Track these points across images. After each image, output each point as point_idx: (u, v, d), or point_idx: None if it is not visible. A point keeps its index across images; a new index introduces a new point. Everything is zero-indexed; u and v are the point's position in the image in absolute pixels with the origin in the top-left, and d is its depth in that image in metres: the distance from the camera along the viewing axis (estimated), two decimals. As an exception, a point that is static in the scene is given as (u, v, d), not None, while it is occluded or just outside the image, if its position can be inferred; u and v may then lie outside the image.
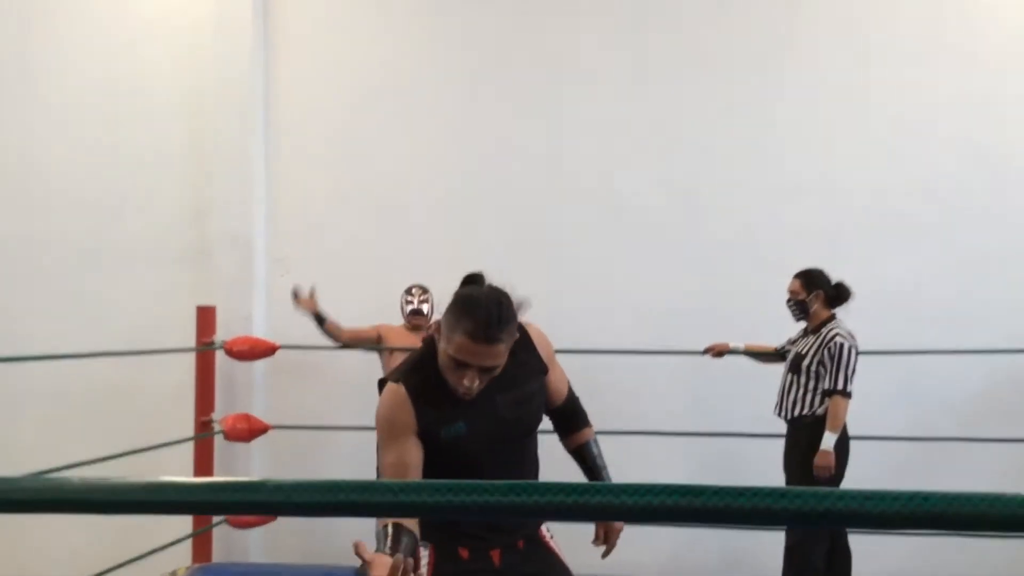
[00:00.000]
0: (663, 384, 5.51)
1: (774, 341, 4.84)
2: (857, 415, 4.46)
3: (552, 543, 2.38)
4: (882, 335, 4.93)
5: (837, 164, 5.51)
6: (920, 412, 5.33)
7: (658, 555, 5.35)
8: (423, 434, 2.12)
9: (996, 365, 5.24)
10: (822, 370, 4.34)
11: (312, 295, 5.23)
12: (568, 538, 2.38)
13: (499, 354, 2.05)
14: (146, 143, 5.94)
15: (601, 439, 2.57)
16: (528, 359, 2.26)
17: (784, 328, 4.76)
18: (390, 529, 1.90)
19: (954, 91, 5.43)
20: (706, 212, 5.58)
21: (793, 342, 4.67)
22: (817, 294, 4.47)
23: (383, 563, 1.73)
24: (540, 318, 2.45)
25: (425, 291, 5.24)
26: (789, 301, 4.53)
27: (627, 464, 5.24)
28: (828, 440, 4.25)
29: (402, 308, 5.25)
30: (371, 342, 5.25)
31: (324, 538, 5.56)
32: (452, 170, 5.81)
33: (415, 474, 2.10)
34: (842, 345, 4.32)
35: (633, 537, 5.24)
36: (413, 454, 2.10)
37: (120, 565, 4.80)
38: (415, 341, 5.21)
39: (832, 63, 5.52)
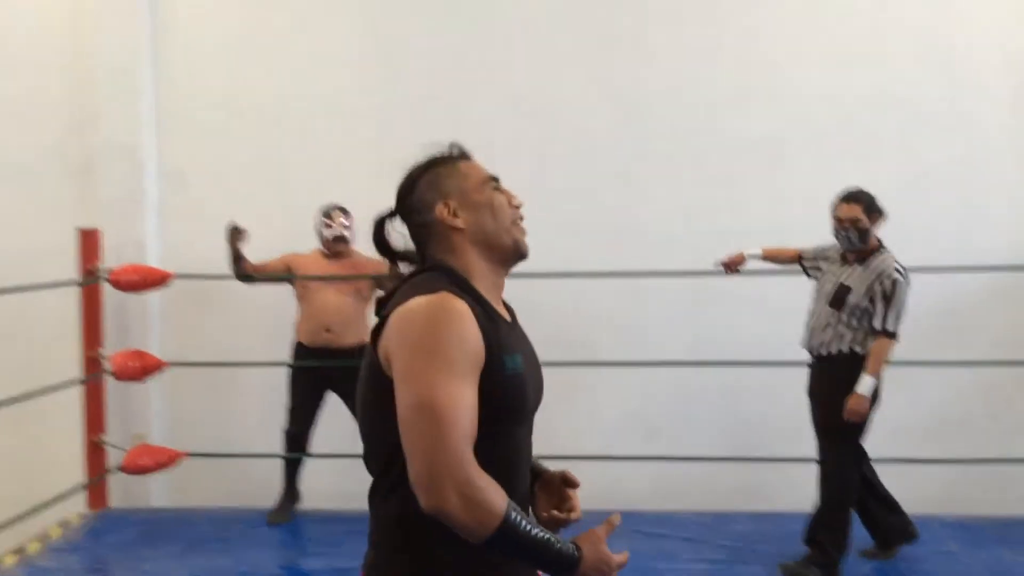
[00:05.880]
0: (597, 309, 5.11)
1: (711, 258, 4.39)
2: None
3: None
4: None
5: (786, 69, 5.07)
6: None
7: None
8: (487, 364, 1.53)
9: (948, 283, 4.94)
10: (871, 307, 3.84)
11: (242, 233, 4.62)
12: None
13: None
14: (22, 43, 5.27)
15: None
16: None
17: (732, 245, 4.36)
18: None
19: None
20: (645, 120, 5.10)
21: (822, 259, 4.11)
22: (873, 219, 3.91)
23: None
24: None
25: (346, 213, 4.71)
26: (846, 230, 3.89)
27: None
28: (867, 384, 3.79)
29: (319, 233, 4.71)
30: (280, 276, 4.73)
31: (231, 481, 5.13)
32: (367, 78, 5.24)
33: (476, 421, 1.51)
34: (896, 282, 3.81)
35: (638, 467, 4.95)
36: (476, 393, 1.52)
37: (11, 521, 4.29)
38: (332, 270, 4.70)
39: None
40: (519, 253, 1.72)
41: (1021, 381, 4.92)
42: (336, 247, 4.69)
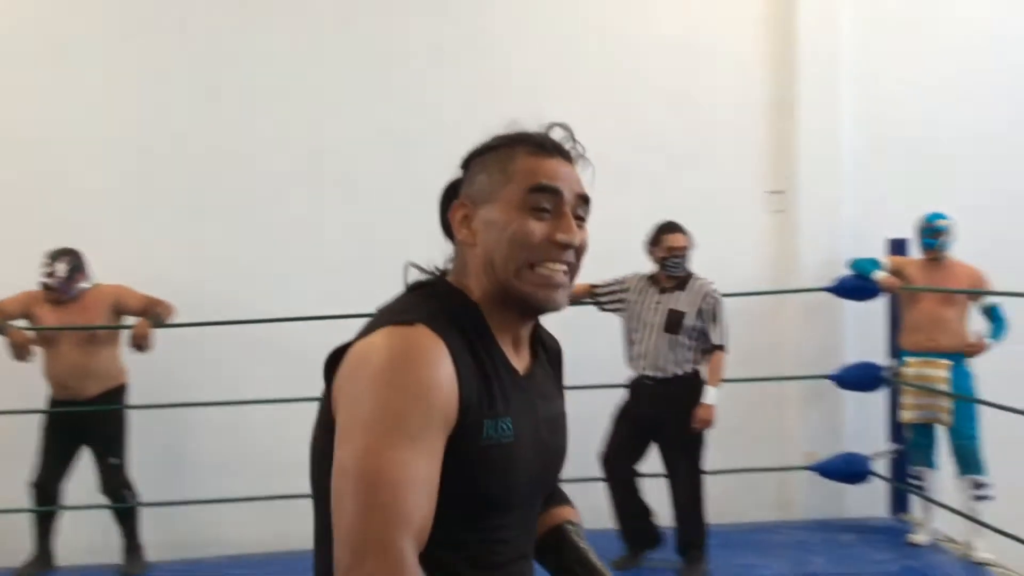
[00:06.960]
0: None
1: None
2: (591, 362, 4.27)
3: None
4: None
5: (547, 113, 5.31)
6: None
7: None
8: (460, 426, 1.18)
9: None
10: (701, 325, 4.23)
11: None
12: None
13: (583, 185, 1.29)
14: None
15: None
16: (555, 373, 1.45)
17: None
18: None
19: (661, 37, 5.46)
20: (415, 157, 5.21)
21: (622, 291, 4.38)
22: (691, 247, 4.32)
23: None
24: (229, 283, 1.99)
25: (59, 257, 4.35)
26: (675, 258, 4.24)
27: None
28: (714, 395, 4.21)
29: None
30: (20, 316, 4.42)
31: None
32: (122, 113, 5.09)
33: (433, 502, 1.16)
34: (718, 300, 4.25)
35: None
36: (437, 465, 1.16)
37: None
38: (63, 318, 4.40)
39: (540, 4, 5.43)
40: (529, 306, 1.27)
41: (761, 395, 5.39)
42: (48, 295, 4.37)
